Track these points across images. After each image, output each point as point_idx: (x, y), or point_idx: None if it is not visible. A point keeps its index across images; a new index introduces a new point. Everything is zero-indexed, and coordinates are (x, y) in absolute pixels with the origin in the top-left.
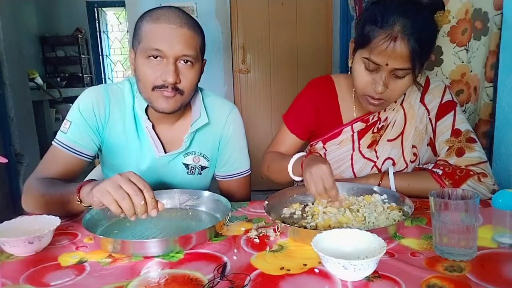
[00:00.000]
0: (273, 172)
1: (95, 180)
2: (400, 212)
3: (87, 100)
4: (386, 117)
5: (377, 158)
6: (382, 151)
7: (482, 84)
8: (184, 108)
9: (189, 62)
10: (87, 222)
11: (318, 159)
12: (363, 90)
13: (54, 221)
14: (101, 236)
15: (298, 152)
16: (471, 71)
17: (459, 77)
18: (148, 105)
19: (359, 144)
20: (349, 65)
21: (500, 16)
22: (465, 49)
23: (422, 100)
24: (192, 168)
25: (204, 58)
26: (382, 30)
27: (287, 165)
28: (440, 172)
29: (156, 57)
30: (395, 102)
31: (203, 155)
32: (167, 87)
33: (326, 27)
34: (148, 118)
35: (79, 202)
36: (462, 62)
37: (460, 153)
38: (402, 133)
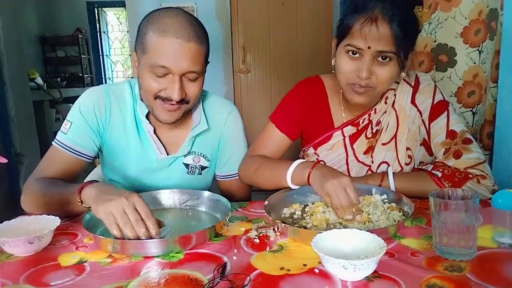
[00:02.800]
0: (261, 177)
1: (96, 181)
2: (400, 212)
3: (88, 101)
4: (379, 121)
5: (372, 162)
6: (376, 155)
7: (488, 84)
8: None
9: (193, 76)
10: (87, 222)
11: (334, 170)
12: (347, 79)
13: (54, 221)
14: (101, 236)
15: (285, 154)
16: (484, 72)
17: (471, 78)
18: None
19: (352, 149)
20: (332, 63)
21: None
22: (478, 49)
23: (413, 101)
24: (192, 168)
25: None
26: (362, 15)
27: (285, 171)
28: (440, 175)
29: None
30: (386, 103)
31: (203, 155)
32: (170, 100)
33: (326, 27)
34: (149, 122)
35: (80, 203)
36: (474, 63)
37: (457, 155)
38: (395, 136)
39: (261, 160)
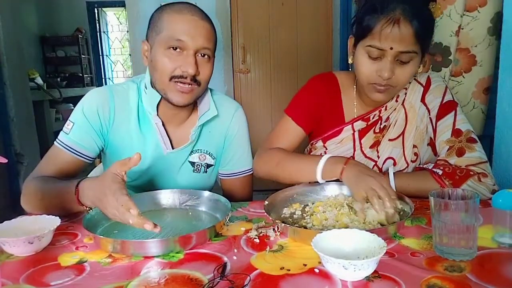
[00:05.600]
0: (285, 171)
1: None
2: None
3: (91, 102)
4: (388, 117)
5: (378, 157)
6: (383, 150)
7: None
8: (193, 106)
9: (206, 56)
10: (87, 222)
11: (369, 167)
12: (368, 79)
13: (54, 221)
14: (101, 236)
15: (298, 147)
16: None
17: None
18: (159, 102)
19: (360, 143)
20: (350, 61)
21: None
22: None
23: (423, 100)
24: (198, 166)
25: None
26: (383, 16)
27: (314, 166)
28: (440, 172)
29: (176, 48)
30: (396, 101)
31: (209, 153)
32: (185, 78)
33: (326, 27)
34: (157, 115)
35: (76, 195)
36: None
37: (460, 153)
38: (403, 133)
39: (283, 154)
